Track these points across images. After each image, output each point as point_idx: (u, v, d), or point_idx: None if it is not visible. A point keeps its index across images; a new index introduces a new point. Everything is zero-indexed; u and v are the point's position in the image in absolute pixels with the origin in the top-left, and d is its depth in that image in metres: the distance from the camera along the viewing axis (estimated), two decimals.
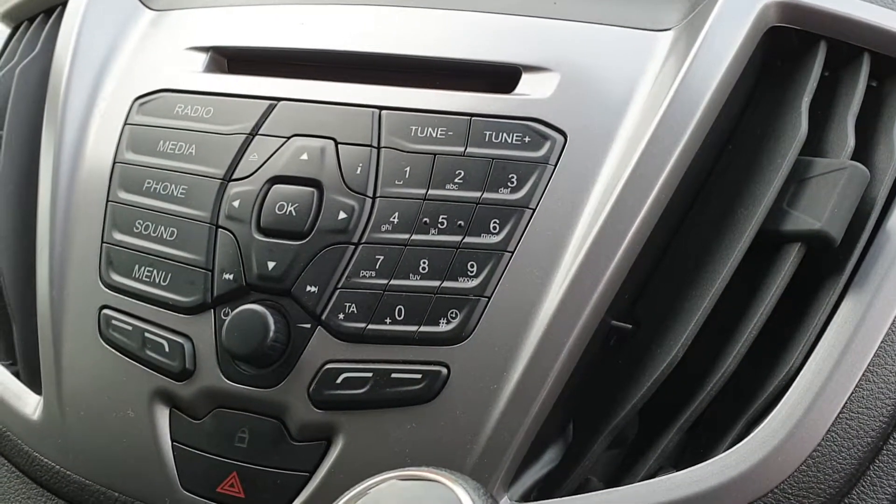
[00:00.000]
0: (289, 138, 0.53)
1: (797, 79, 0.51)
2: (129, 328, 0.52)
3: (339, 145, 0.52)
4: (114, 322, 0.53)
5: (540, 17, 0.56)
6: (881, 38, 0.51)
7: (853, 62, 0.52)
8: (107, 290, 0.54)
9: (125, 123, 0.59)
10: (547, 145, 0.50)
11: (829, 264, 0.47)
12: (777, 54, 0.54)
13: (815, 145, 0.50)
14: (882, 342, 0.45)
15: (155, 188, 0.55)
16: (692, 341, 0.45)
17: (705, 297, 0.46)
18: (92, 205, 0.57)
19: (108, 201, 0.56)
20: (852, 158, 0.48)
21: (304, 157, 0.52)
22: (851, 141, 0.48)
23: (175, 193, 0.54)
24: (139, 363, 0.52)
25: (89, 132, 0.59)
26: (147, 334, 0.52)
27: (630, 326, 0.48)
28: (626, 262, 0.47)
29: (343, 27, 0.58)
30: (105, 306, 0.54)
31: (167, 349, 0.51)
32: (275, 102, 0.55)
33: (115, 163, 0.57)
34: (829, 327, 0.45)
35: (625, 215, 0.47)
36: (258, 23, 0.61)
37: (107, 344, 0.53)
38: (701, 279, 0.47)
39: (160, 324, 0.52)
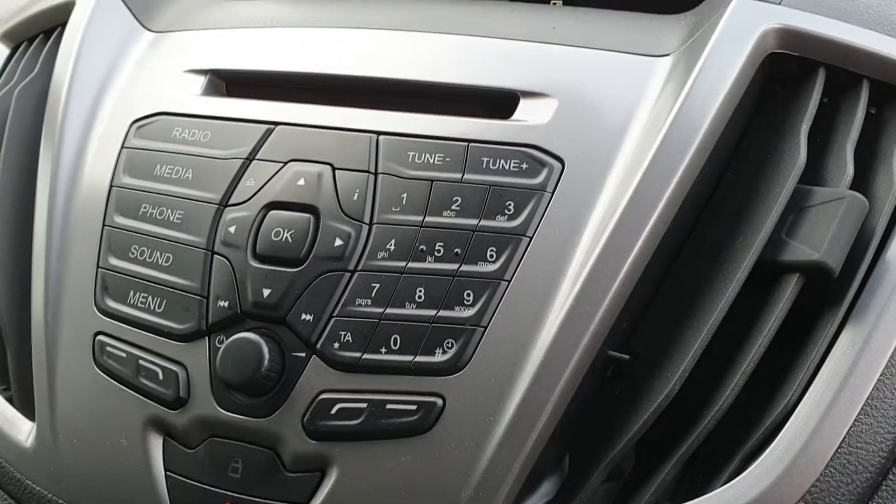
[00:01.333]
0: (286, 163, 0.53)
1: (796, 105, 0.51)
2: (124, 355, 0.52)
3: (337, 171, 0.52)
4: (108, 349, 0.53)
5: (538, 42, 0.56)
6: (880, 65, 0.51)
7: (852, 88, 0.51)
8: (101, 315, 0.54)
9: (122, 147, 0.58)
10: (544, 172, 0.50)
11: (828, 295, 0.46)
12: (776, 80, 0.53)
13: (813, 173, 0.50)
14: (881, 375, 0.44)
15: (151, 213, 0.55)
16: (689, 373, 0.45)
17: (703, 329, 0.46)
18: (88, 229, 0.56)
19: (104, 225, 0.56)
20: (851, 187, 0.48)
21: (301, 182, 0.52)
22: (850, 169, 0.48)
23: (171, 218, 0.54)
24: (133, 391, 0.52)
25: (87, 155, 0.59)
26: (141, 362, 0.52)
27: (627, 357, 0.48)
28: (624, 291, 0.47)
29: (341, 50, 0.58)
30: (99, 332, 0.53)
31: (161, 377, 0.51)
32: (272, 127, 0.55)
33: (111, 186, 0.57)
34: (827, 360, 0.45)
35: (623, 244, 0.47)
36: (257, 45, 0.61)
37: (101, 371, 0.53)
38: (698, 309, 0.47)
39: (155, 351, 0.52)
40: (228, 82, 0.61)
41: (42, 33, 0.71)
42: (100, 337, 0.53)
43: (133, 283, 0.54)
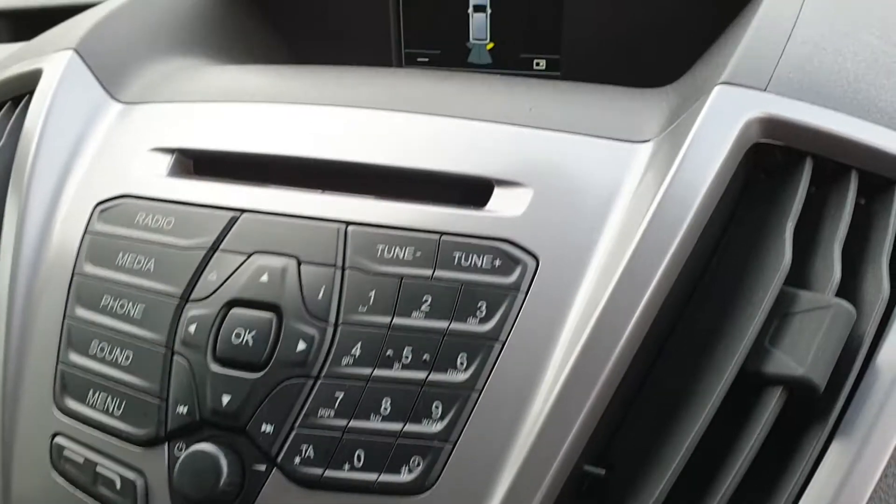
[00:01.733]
0: (250, 255, 0.51)
1: (782, 198, 0.49)
2: (81, 461, 0.50)
3: (302, 265, 0.50)
4: (66, 453, 0.51)
5: (514, 125, 0.53)
6: (869, 156, 0.48)
7: (840, 179, 0.49)
8: (60, 415, 0.52)
9: (85, 231, 0.56)
10: (518, 270, 0.48)
11: (814, 407, 0.44)
12: (761, 169, 0.51)
13: (799, 272, 0.47)
14: (871, 498, 0.42)
15: (112, 306, 0.53)
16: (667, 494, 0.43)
17: (682, 445, 0.43)
18: (49, 321, 0.54)
19: (64, 318, 0.54)
20: (840, 287, 0.46)
21: (264, 278, 0.50)
22: (837, 274, 0.45)
23: (132, 313, 0.52)
24: (91, 497, 0.50)
25: (50, 239, 0.57)
26: (99, 468, 0.49)
27: (603, 472, 0.46)
28: (602, 401, 0.45)
29: (311, 130, 0.56)
30: (58, 433, 0.51)
31: (119, 486, 0.49)
32: (237, 214, 0.53)
33: (73, 275, 0.55)
34: (813, 479, 0.43)
35: (601, 349, 0.45)
36: (225, 122, 0.59)
37: (59, 475, 0.51)
38: (677, 422, 0.45)
39: (113, 456, 0.50)
40: (196, 160, 0.59)
41: (10, 100, 0.69)
42: (58, 439, 0.51)
43: (93, 381, 0.52)
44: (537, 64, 0.75)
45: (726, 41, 0.58)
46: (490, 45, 0.76)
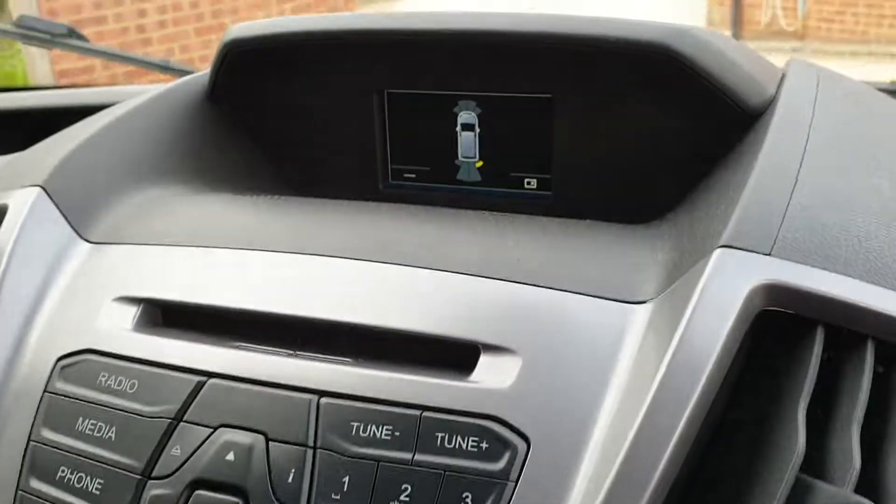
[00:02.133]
0: (216, 429, 0.47)
1: (792, 371, 0.45)
2: None
3: (271, 443, 0.46)
4: None
5: (502, 280, 0.50)
6: (885, 324, 0.45)
7: (855, 349, 0.45)
8: None
9: (45, 390, 0.53)
10: (507, 456, 0.44)
11: None
12: (769, 334, 0.47)
13: (816, 452, 0.43)
14: None
15: (69, 479, 0.49)
16: None
17: None
18: (1, 494, 0.50)
19: (17, 490, 0.50)
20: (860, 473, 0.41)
21: (230, 457, 0.46)
22: (857, 463, 0.41)
23: (90, 489, 0.48)
24: None
25: (7, 396, 0.53)
26: None
27: None
28: None
29: (285, 283, 0.53)
30: None
31: None
32: (204, 380, 0.49)
33: (29, 441, 0.51)
34: None
35: None
36: (196, 270, 0.56)
37: None
38: None
39: None
40: (164, 309, 0.55)
41: None
42: None
43: None
44: (528, 183, 0.72)
45: (728, 180, 0.55)
46: (479, 164, 0.73)
